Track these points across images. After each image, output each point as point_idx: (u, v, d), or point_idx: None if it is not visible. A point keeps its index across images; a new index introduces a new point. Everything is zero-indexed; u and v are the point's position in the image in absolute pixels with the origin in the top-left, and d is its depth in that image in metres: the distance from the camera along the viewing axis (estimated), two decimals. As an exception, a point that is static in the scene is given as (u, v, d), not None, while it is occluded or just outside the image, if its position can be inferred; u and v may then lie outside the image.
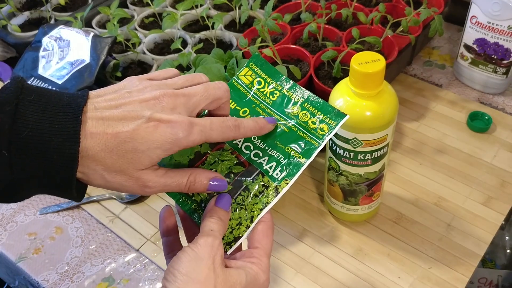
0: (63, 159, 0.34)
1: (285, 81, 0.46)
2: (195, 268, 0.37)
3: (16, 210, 0.75)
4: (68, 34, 0.81)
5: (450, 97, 0.88)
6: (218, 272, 0.38)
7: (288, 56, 0.80)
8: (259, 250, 0.42)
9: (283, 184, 0.42)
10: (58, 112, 0.34)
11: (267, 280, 0.41)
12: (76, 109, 0.35)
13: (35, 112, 0.34)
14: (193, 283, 0.36)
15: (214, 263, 0.38)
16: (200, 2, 0.87)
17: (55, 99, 0.35)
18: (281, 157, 0.43)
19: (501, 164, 0.76)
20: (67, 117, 0.34)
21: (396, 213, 0.71)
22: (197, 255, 0.38)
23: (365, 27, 0.82)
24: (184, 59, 0.75)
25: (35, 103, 0.34)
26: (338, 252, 0.67)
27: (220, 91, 0.41)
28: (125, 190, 0.38)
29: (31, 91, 0.34)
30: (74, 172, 0.35)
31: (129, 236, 0.71)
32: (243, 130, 0.41)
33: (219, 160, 0.44)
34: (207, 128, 0.38)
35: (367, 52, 0.53)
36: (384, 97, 0.55)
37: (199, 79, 0.42)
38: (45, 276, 0.67)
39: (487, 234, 0.68)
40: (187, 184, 0.40)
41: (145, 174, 0.37)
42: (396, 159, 0.78)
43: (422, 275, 0.64)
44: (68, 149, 0.34)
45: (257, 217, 0.42)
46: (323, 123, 0.44)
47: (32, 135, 0.33)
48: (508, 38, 0.80)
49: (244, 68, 0.47)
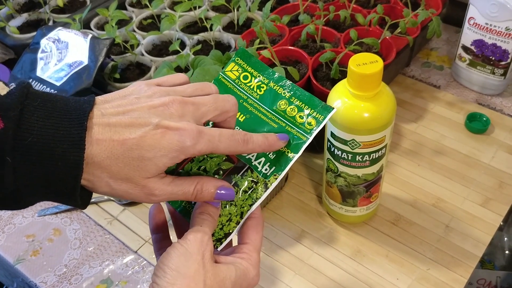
0: (68, 166, 0.33)
1: (271, 73, 0.46)
2: (185, 263, 0.37)
3: (14, 212, 0.75)
4: (66, 35, 0.81)
5: (448, 98, 0.88)
6: (208, 267, 0.38)
7: (286, 57, 0.80)
8: (248, 246, 0.42)
9: (272, 179, 0.42)
10: (63, 118, 0.34)
11: (257, 275, 0.41)
12: (82, 115, 0.34)
13: (40, 118, 0.33)
14: (182, 278, 0.37)
15: (204, 259, 0.38)
16: (199, 3, 0.87)
17: (61, 105, 0.34)
18: (269, 152, 0.43)
19: (499, 165, 0.77)
20: (72, 123, 0.34)
21: (394, 215, 0.71)
22: (186, 251, 0.38)
23: (363, 28, 0.82)
24: (182, 60, 0.75)
25: (40, 109, 0.33)
26: (336, 253, 0.67)
27: (229, 104, 0.40)
28: (131, 198, 0.37)
29: (36, 96, 0.34)
30: (79, 179, 0.34)
31: (127, 238, 0.71)
32: (251, 145, 0.40)
33: (208, 157, 0.44)
34: (216, 139, 0.38)
35: (365, 54, 0.53)
36: (382, 99, 0.55)
37: (208, 90, 0.41)
38: (43, 278, 0.66)
39: (485, 235, 0.68)
40: (194, 193, 0.40)
41: (151, 182, 0.37)
42: (394, 160, 0.78)
43: (420, 276, 0.64)
44: (73, 156, 0.33)
45: (246, 212, 0.42)
46: (310, 117, 0.44)
47: (37, 141, 0.33)
48: (506, 40, 0.80)
49: (230, 63, 0.47)
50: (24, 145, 0.32)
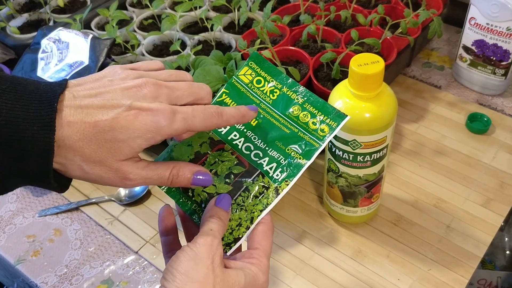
0: (38, 148, 0.33)
1: (285, 79, 0.46)
2: (194, 267, 0.37)
3: (15, 212, 0.75)
4: (67, 36, 0.81)
5: (449, 99, 0.88)
6: (217, 272, 0.38)
7: (287, 57, 0.80)
8: (258, 251, 0.41)
9: (283, 185, 0.42)
10: (33, 100, 0.33)
11: (266, 281, 0.41)
12: (52, 97, 0.34)
13: (9, 100, 0.33)
14: (192, 283, 0.36)
15: (213, 263, 0.38)
16: (199, 3, 0.87)
17: (32, 88, 0.34)
18: (281, 158, 0.43)
19: (500, 165, 0.76)
20: (42, 105, 0.33)
21: (395, 215, 0.71)
22: (196, 255, 0.37)
23: (364, 28, 0.82)
24: (183, 61, 0.75)
25: (9, 92, 0.33)
26: (337, 254, 0.67)
27: (204, 91, 0.40)
28: (104, 183, 0.37)
29: (5, 79, 0.33)
30: (50, 162, 0.34)
31: (128, 238, 0.71)
32: (225, 117, 0.40)
33: (219, 161, 0.44)
34: (190, 115, 0.37)
35: (366, 54, 0.53)
36: (383, 99, 0.55)
37: (183, 77, 0.41)
38: (44, 279, 0.66)
39: (486, 236, 0.68)
40: (170, 177, 0.39)
41: (125, 166, 0.36)
42: (395, 160, 0.78)
43: (421, 276, 0.64)
44: (43, 138, 0.33)
45: (257, 218, 0.42)
46: (323, 124, 0.44)
47: (6, 123, 0.32)
48: (507, 40, 0.80)
49: (244, 67, 0.47)
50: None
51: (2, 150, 0.33)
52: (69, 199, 0.76)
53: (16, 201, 0.77)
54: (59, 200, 0.76)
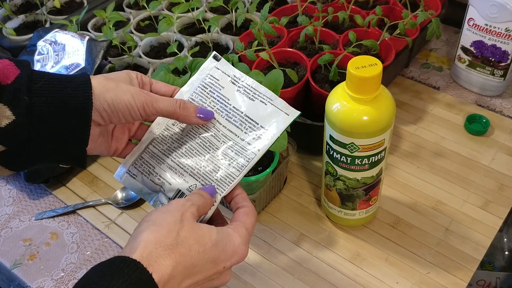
0: (78, 100, 0.40)
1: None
2: (161, 216, 0.41)
3: (11, 215, 0.74)
4: (63, 37, 0.80)
5: (447, 100, 0.88)
6: (185, 222, 0.40)
7: (284, 59, 0.79)
8: (237, 222, 0.45)
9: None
10: (69, 81, 0.42)
11: (245, 246, 0.43)
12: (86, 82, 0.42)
13: (48, 73, 0.41)
14: (155, 226, 0.39)
15: (182, 216, 0.41)
16: (196, 5, 0.87)
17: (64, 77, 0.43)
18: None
19: (499, 167, 0.76)
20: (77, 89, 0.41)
21: (393, 217, 0.70)
22: (166, 209, 0.42)
23: (362, 30, 0.81)
24: (180, 62, 0.74)
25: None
26: (335, 257, 0.66)
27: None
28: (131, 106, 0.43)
29: (40, 76, 0.41)
30: (90, 110, 0.41)
31: (125, 241, 0.70)
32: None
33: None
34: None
35: (364, 56, 0.53)
36: (381, 102, 0.55)
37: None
38: (40, 283, 0.66)
39: (485, 238, 0.67)
40: (178, 103, 0.46)
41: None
42: (394, 162, 0.78)
43: (420, 280, 0.63)
44: (82, 92, 0.40)
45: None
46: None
47: (48, 83, 0.40)
48: (505, 41, 0.79)
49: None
50: (37, 87, 0.39)
51: (45, 103, 0.40)
52: (66, 202, 0.76)
53: (12, 204, 0.76)
54: (56, 203, 0.76)
